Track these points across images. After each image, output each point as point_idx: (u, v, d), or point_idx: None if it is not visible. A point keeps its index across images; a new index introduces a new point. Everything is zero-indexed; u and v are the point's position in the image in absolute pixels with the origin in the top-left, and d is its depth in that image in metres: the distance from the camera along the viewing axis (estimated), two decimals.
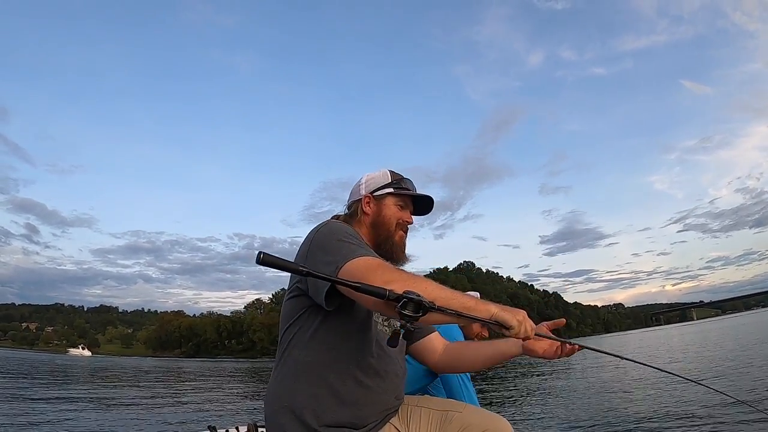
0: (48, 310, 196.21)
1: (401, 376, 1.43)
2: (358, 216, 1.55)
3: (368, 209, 1.54)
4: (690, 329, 55.75)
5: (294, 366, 1.29)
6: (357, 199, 1.57)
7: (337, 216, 1.61)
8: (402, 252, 1.55)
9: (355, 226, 1.51)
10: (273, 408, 1.29)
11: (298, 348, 1.31)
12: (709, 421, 5.84)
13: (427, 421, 1.40)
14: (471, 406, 1.47)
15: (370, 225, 1.53)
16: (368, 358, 1.30)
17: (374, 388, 1.29)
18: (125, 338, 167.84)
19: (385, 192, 1.55)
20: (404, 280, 1.05)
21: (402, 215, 1.55)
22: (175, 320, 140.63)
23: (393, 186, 1.56)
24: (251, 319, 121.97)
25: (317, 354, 1.27)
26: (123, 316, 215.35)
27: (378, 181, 1.58)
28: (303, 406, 1.23)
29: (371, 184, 1.57)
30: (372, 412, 1.29)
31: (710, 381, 9.27)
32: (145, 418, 9.41)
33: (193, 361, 76.22)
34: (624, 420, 6.45)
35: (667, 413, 6.57)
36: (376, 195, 1.55)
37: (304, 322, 1.32)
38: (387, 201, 1.55)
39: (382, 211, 1.54)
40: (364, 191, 1.57)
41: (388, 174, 1.59)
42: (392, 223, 1.53)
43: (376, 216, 1.53)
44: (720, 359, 13.83)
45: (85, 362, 51.79)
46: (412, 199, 1.59)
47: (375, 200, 1.55)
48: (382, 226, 1.52)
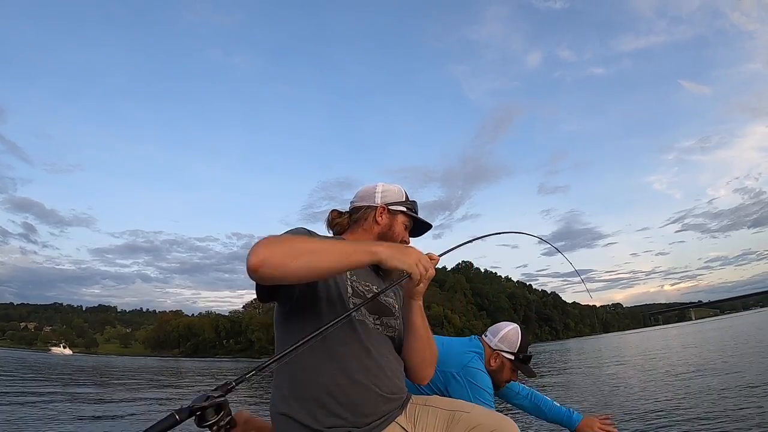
0: (46, 310, 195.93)
1: (396, 372, 1.40)
2: (366, 222, 1.55)
3: (381, 220, 1.55)
4: (689, 329, 55.85)
5: (287, 371, 1.29)
6: (369, 206, 1.57)
7: (339, 212, 1.62)
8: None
9: (355, 232, 1.56)
10: (273, 414, 1.29)
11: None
12: (709, 418, 5.85)
13: (434, 421, 1.38)
14: (479, 407, 1.44)
15: (377, 235, 1.53)
16: (359, 357, 1.29)
17: (368, 385, 1.28)
18: (124, 338, 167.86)
19: (398, 209, 1.57)
20: (271, 245, 1.09)
21: (405, 235, 1.59)
22: (174, 320, 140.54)
23: (406, 206, 1.59)
24: (249, 318, 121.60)
25: (307, 357, 1.25)
26: (121, 315, 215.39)
27: (394, 195, 1.59)
28: (300, 410, 1.22)
29: (388, 197, 1.58)
30: (370, 411, 1.26)
31: (709, 379, 9.29)
32: (144, 417, 9.38)
33: (191, 361, 76.01)
34: (629, 418, 6.45)
35: (676, 410, 6.58)
36: (391, 209, 1.57)
37: (289, 326, 1.32)
38: (399, 218, 1.57)
39: (393, 226, 1.55)
40: (379, 201, 1.56)
41: (402, 192, 1.62)
42: (398, 240, 1.56)
43: (387, 229, 1.55)
44: (719, 358, 13.85)
45: (65, 360, 51.94)
46: (414, 221, 1.62)
47: (389, 214, 1.56)
48: (388, 240, 1.51)
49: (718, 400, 7.05)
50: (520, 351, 2.28)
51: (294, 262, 1.08)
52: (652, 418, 6.38)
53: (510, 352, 2.27)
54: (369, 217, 1.55)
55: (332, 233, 1.61)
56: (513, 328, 2.33)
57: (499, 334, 2.30)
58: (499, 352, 2.27)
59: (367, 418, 1.25)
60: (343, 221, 1.60)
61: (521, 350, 2.28)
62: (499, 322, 2.44)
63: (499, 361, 2.27)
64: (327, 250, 1.15)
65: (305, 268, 1.11)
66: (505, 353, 2.27)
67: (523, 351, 2.28)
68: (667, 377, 11.01)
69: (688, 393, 8.14)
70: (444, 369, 2.12)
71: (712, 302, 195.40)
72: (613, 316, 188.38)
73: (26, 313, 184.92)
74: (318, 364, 1.26)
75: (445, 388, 2.09)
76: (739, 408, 6.25)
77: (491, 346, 2.28)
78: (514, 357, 2.27)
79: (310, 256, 1.11)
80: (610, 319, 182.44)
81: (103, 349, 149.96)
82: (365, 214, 1.56)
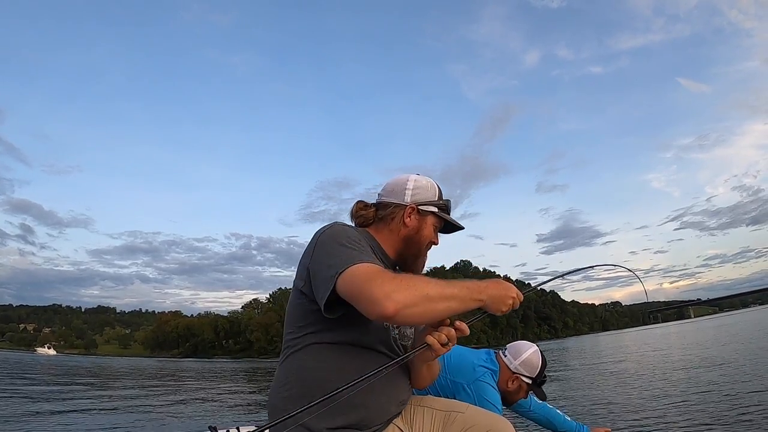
0: (45, 311, 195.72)
1: (407, 382, 1.40)
2: (394, 222, 1.43)
3: (409, 221, 1.42)
4: (688, 327, 55.94)
5: (298, 369, 1.25)
6: (397, 204, 1.44)
7: (365, 203, 1.49)
8: (422, 269, 1.49)
9: (380, 230, 1.44)
10: (277, 411, 1.24)
11: (303, 352, 1.26)
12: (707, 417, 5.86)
13: (430, 421, 1.37)
14: (474, 407, 1.43)
15: (403, 237, 1.42)
16: (375, 363, 1.23)
17: (381, 391, 1.25)
18: (123, 339, 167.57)
19: (430, 209, 1.44)
20: (403, 290, 1.03)
21: (434, 237, 1.47)
22: (173, 320, 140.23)
23: (439, 206, 1.46)
24: (248, 319, 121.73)
25: (323, 359, 1.23)
26: (120, 316, 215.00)
27: (426, 194, 1.45)
28: (307, 414, 1.16)
29: (419, 195, 1.44)
30: (378, 416, 1.25)
31: (707, 379, 9.31)
32: (144, 417, 9.38)
33: (190, 362, 75.93)
34: (627, 417, 6.46)
35: (676, 407, 6.59)
36: (422, 210, 1.43)
37: (309, 326, 1.26)
38: (429, 220, 1.44)
39: (422, 229, 1.43)
40: (409, 199, 1.43)
41: (435, 188, 1.48)
42: (425, 242, 1.45)
43: (415, 232, 1.42)
44: (718, 356, 13.88)
45: (48, 361, 51.61)
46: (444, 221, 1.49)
47: (419, 215, 1.43)
48: (415, 243, 1.43)
49: (718, 398, 7.06)
50: (539, 376, 2.26)
51: (435, 308, 1.08)
52: (652, 416, 6.38)
53: (529, 376, 2.25)
54: (397, 216, 1.43)
55: (354, 224, 1.49)
56: (534, 352, 2.30)
57: (520, 358, 2.27)
58: (518, 376, 2.24)
59: (372, 422, 1.24)
60: (369, 214, 1.46)
61: (540, 375, 2.27)
62: (517, 340, 2.42)
63: (517, 384, 2.25)
64: (456, 296, 1.11)
65: (443, 314, 1.11)
66: (523, 377, 2.25)
67: (540, 375, 2.27)
68: (666, 375, 11.02)
69: (687, 391, 8.15)
70: (455, 379, 2.12)
71: (711, 300, 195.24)
72: (612, 315, 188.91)
73: (25, 315, 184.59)
74: (335, 368, 1.22)
75: (453, 397, 2.06)
76: (740, 406, 6.26)
77: (510, 368, 2.25)
78: (531, 381, 2.26)
79: (447, 302, 1.09)
80: (609, 317, 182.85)
81: (102, 350, 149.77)
82: (393, 213, 1.43)
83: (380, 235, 1.43)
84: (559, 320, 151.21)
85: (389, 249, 1.42)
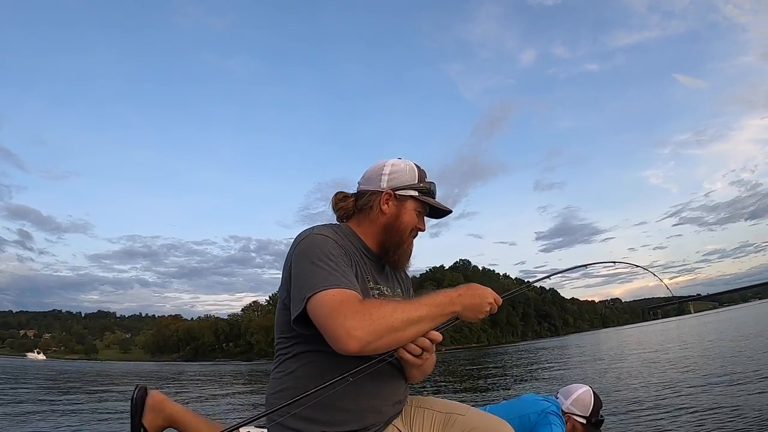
0: (45, 317, 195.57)
1: (402, 381, 1.36)
2: (372, 212, 1.35)
3: (386, 209, 1.34)
4: (688, 322, 55.99)
5: (291, 376, 1.23)
6: (374, 191, 1.36)
7: (345, 194, 1.42)
8: (408, 259, 1.41)
9: (361, 222, 1.37)
10: (273, 417, 1.21)
11: (294, 359, 1.24)
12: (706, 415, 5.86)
13: (429, 423, 1.35)
14: (474, 410, 1.40)
15: (383, 226, 1.34)
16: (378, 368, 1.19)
17: (375, 394, 1.23)
18: (123, 343, 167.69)
19: (408, 194, 1.35)
20: (366, 326, 1.01)
21: (418, 222, 1.38)
22: (173, 324, 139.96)
23: (419, 190, 1.36)
24: (248, 321, 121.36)
25: (314, 365, 1.20)
26: (120, 321, 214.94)
27: (404, 178, 1.36)
28: (303, 415, 1.15)
29: (396, 180, 1.35)
30: (374, 420, 1.23)
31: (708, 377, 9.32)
32: None
33: (191, 365, 75.84)
34: (628, 416, 6.46)
35: (676, 403, 6.60)
36: (399, 195, 1.35)
37: (297, 335, 1.22)
38: (408, 205, 1.35)
39: (401, 215, 1.34)
40: (385, 185, 1.35)
41: (415, 171, 1.38)
42: (408, 230, 1.35)
43: (394, 219, 1.34)
44: (718, 351, 13.90)
45: (39, 366, 52.18)
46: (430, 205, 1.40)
47: (396, 200, 1.34)
48: (396, 231, 1.34)
49: (718, 394, 7.07)
50: (593, 415, 2.28)
51: (401, 337, 1.06)
52: (652, 414, 6.39)
53: (582, 416, 2.28)
54: (374, 204, 1.34)
55: (336, 217, 1.43)
56: (585, 391, 2.34)
57: (572, 397, 2.31)
58: (571, 415, 2.28)
59: (369, 425, 1.22)
60: (348, 205, 1.39)
61: (593, 414, 2.28)
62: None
63: (570, 425, 2.27)
64: (424, 318, 1.09)
65: (412, 339, 1.09)
66: (576, 417, 2.28)
67: (595, 415, 2.29)
68: (666, 371, 11.03)
69: (687, 386, 8.16)
70: (522, 413, 2.17)
71: (710, 295, 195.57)
72: (611, 311, 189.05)
73: (25, 321, 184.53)
74: (327, 374, 1.16)
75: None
76: (740, 401, 6.27)
77: (563, 408, 2.28)
78: (586, 421, 2.28)
79: (414, 327, 1.08)
80: (609, 314, 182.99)
81: (102, 354, 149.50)
82: (370, 201, 1.35)
83: (361, 228, 1.37)
84: (559, 318, 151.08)
85: (371, 241, 1.36)
